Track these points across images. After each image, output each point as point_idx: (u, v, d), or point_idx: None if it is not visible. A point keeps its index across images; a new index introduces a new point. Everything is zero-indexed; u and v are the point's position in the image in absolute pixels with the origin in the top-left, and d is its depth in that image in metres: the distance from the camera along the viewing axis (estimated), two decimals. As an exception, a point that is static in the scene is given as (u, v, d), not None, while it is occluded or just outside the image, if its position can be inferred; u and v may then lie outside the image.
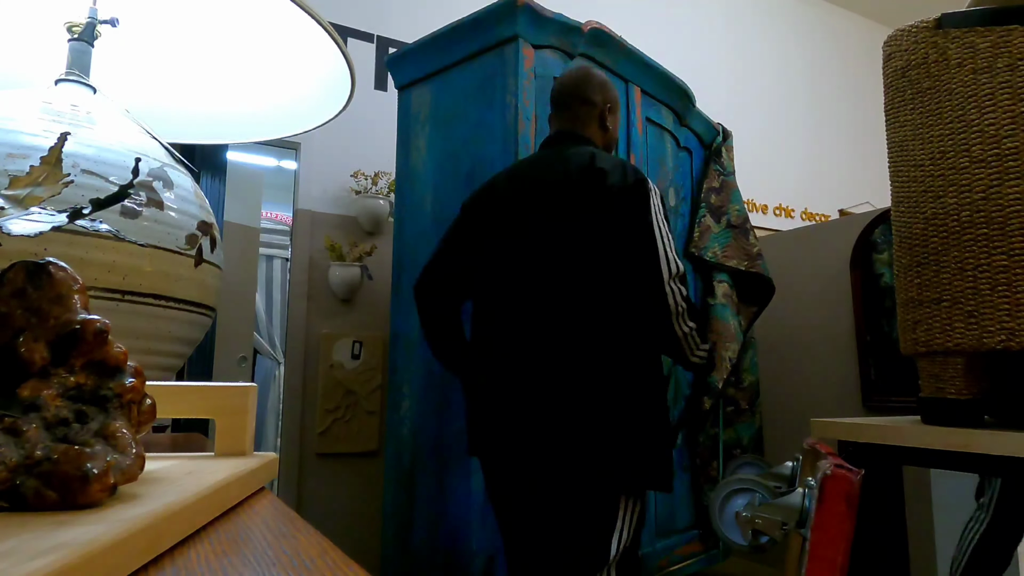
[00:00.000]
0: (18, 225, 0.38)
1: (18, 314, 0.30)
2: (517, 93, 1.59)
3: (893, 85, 0.94)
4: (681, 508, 2.05)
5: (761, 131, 3.86)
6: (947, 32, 0.86)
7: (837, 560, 0.76)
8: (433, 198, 1.78)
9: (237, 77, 1.03)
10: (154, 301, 0.76)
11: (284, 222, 3.66)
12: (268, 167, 3.29)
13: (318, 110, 1.06)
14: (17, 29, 0.92)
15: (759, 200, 3.74)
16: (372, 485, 2.29)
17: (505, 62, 1.63)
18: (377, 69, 2.58)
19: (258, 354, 3.40)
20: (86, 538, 0.22)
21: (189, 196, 0.84)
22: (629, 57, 1.96)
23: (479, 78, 1.70)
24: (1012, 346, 0.79)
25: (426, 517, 1.64)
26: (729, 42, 3.85)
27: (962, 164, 0.84)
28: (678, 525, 2.03)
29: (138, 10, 0.91)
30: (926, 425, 0.87)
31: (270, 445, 3.32)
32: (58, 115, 0.75)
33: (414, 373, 1.74)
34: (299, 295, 2.32)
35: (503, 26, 1.62)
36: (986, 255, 0.81)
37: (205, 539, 0.31)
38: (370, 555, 2.21)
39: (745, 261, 2.24)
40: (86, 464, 0.28)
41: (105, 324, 0.32)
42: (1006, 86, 0.81)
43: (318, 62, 0.96)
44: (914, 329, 0.89)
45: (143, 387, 0.34)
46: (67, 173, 0.65)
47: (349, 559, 0.28)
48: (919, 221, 0.89)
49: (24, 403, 0.29)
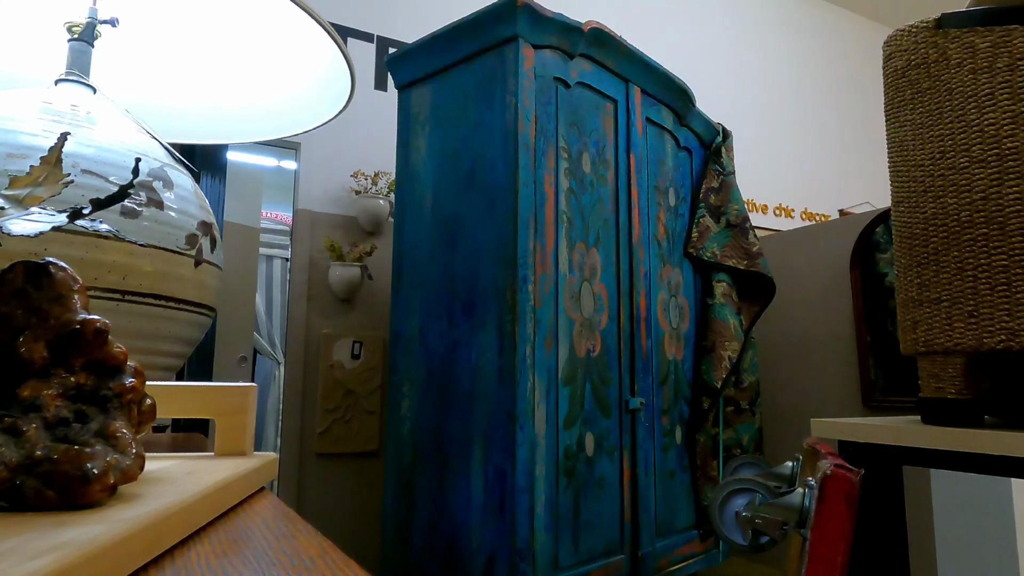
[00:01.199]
0: (18, 225, 0.38)
1: (18, 314, 0.30)
2: (517, 93, 1.59)
3: (893, 85, 0.94)
4: (681, 508, 2.05)
5: (761, 131, 3.86)
6: (947, 32, 0.86)
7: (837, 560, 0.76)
8: (433, 198, 1.78)
9: (237, 77, 1.03)
10: (154, 301, 0.76)
11: (284, 222, 3.66)
12: (268, 167, 3.29)
13: (318, 110, 1.06)
14: (17, 29, 0.92)
15: (759, 200, 3.74)
16: (372, 485, 2.29)
17: (505, 62, 1.63)
18: (377, 69, 2.58)
19: (258, 354, 3.40)
20: (86, 538, 0.22)
21: (189, 196, 0.84)
22: (629, 57, 1.97)
23: (479, 78, 1.70)
24: (1012, 346, 0.79)
25: (426, 517, 1.65)
26: (729, 42, 3.85)
27: (962, 164, 0.84)
28: (678, 525, 2.03)
29: (138, 10, 0.91)
30: (926, 425, 0.87)
31: (270, 445, 3.32)
32: (58, 115, 0.76)
33: (414, 373, 1.74)
34: (299, 295, 2.32)
35: (503, 26, 1.63)
36: (986, 255, 0.81)
37: (205, 539, 0.31)
38: (370, 555, 2.21)
39: (744, 260, 2.24)
40: (86, 464, 0.28)
41: (105, 324, 0.32)
42: (1006, 86, 0.81)
43: (318, 62, 0.96)
44: (914, 329, 0.89)
45: (143, 387, 0.34)
46: (67, 173, 0.65)
47: (349, 559, 0.28)
48: (919, 221, 0.89)
49: (24, 403, 0.29)
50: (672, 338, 2.11)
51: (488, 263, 1.61)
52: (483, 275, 1.61)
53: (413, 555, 1.66)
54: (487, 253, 1.61)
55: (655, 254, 2.09)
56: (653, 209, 2.10)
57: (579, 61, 1.82)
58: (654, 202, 2.11)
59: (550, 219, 1.65)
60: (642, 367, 1.94)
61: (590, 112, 1.88)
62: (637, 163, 2.04)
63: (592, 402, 1.76)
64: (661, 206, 2.15)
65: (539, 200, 1.62)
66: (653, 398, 1.99)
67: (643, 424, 1.92)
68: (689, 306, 2.24)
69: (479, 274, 1.62)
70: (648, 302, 2.01)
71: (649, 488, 1.90)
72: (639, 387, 1.92)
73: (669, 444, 2.04)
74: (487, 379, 1.57)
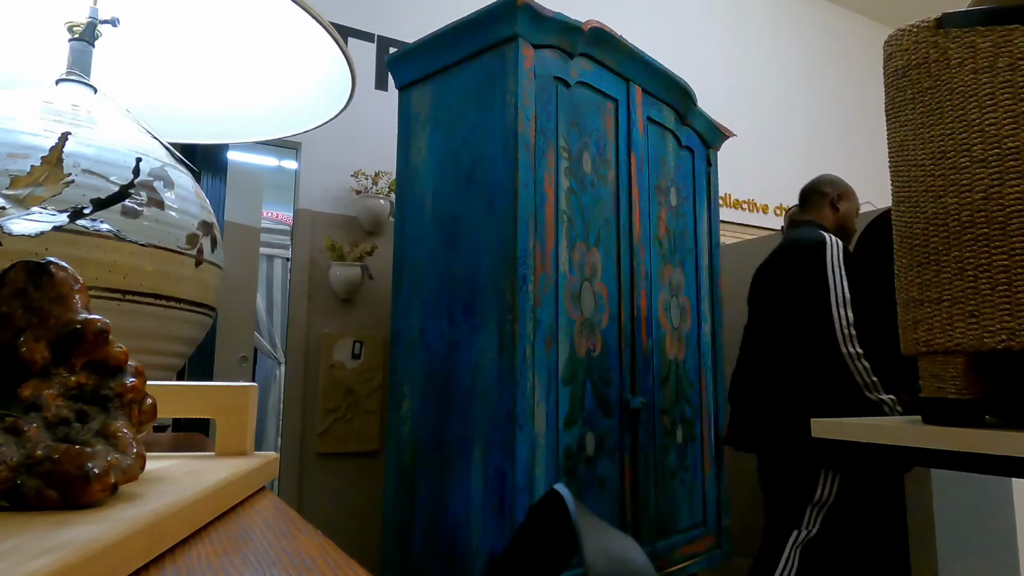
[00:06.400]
0: (19, 225, 0.38)
1: (19, 314, 0.30)
2: (517, 93, 1.59)
3: (894, 85, 0.94)
4: (682, 508, 2.05)
5: (761, 131, 3.86)
6: (948, 32, 0.86)
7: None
8: (433, 198, 1.78)
9: (238, 77, 1.03)
10: (155, 301, 0.76)
11: (285, 222, 3.66)
12: (268, 167, 3.29)
13: (319, 110, 1.06)
14: (17, 29, 0.93)
15: (759, 200, 3.74)
16: (372, 485, 2.29)
17: (505, 62, 1.63)
18: (377, 69, 2.58)
19: (259, 354, 3.40)
20: (87, 538, 0.22)
21: (190, 196, 0.84)
22: (630, 56, 1.97)
23: (479, 78, 1.70)
24: (1013, 346, 0.79)
25: (426, 517, 1.65)
26: (729, 42, 3.85)
27: (963, 164, 0.84)
28: (679, 525, 2.03)
29: (139, 10, 0.91)
30: (926, 425, 0.87)
31: (271, 445, 3.32)
32: (59, 115, 0.76)
33: (414, 373, 1.74)
34: (300, 295, 2.32)
35: (503, 26, 1.63)
36: (987, 255, 0.81)
37: (206, 539, 0.31)
38: (370, 554, 2.21)
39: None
40: (87, 464, 0.28)
41: (106, 324, 0.32)
42: (1007, 86, 0.81)
43: (319, 62, 0.96)
44: (915, 329, 0.89)
45: (144, 387, 0.34)
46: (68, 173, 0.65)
47: (350, 559, 0.28)
48: (920, 221, 0.89)
49: (25, 403, 0.29)
50: (673, 338, 2.11)
51: (488, 263, 1.61)
52: (483, 275, 1.61)
53: (413, 555, 1.66)
54: (487, 253, 1.61)
55: (656, 254, 2.09)
56: (655, 209, 2.10)
57: (579, 60, 1.82)
58: (655, 202, 2.11)
59: (550, 219, 1.65)
60: (643, 367, 1.94)
61: (591, 111, 1.88)
62: (638, 162, 2.03)
63: (593, 402, 1.76)
64: (663, 205, 2.15)
65: (539, 200, 1.62)
66: (654, 398, 1.98)
67: (644, 424, 1.93)
68: (691, 306, 2.23)
69: (479, 274, 1.62)
70: (649, 302, 2.01)
71: (649, 488, 1.90)
72: (640, 387, 1.92)
73: (670, 444, 2.03)
74: (487, 379, 1.57)
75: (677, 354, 2.13)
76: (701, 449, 2.20)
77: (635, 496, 1.85)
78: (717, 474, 2.24)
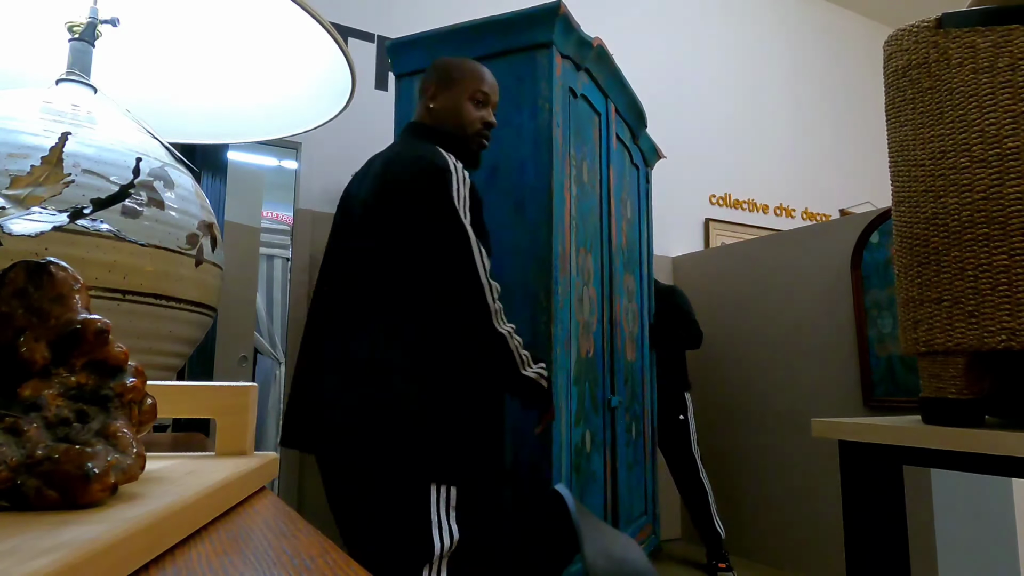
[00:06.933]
0: (19, 225, 0.38)
1: (19, 314, 0.30)
2: (551, 98, 1.60)
3: (894, 85, 0.94)
4: (637, 496, 2.20)
5: (762, 131, 3.86)
6: (948, 32, 0.86)
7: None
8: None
9: (238, 77, 1.03)
10: (155, 301, 0.76)
11: (285, 222, 3.66)
12: (269, 167, 3.29)
13: (319, 110, 1.06)
14: (17, 29, 0.92)
15: (759, 200, 3.74)
16: (372, 485, 2.29)
17: (537, 66, 1.63)
18: (378, 69, 2.58)
19: (259, 353, 3.40)
20: (87, 537, 0.22)
21: (190, 196, 0.84)
22: (613, 74, 2.05)
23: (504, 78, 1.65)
24: (1013, 346, 0.79)
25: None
26: (729, 42, 3.85)
27: (963, 164, 0.84)
28: (635, 513, 2.16)
29: (139, 10, 0.91)
30: (926, 425, 0.87)
31: (271, 445, 3.32)
32: (59, 115, 0.76)
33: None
34: (300, 295, 2.32)
35: (539, 31, 1.62)
36: (987, 255, 0.81)
37: (206, 538, 0.31)
38: (370, 555, 2.21)
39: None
40: (87, 464, 0.28)
41: (106, 324, 0.32)
42: (1007, 86, 0.81)
43: (319, 62, 0.96)
44: (915, 329, 0.89)
45: (144, 387, 0.34)
46: (68, 173, 0.65)
47: (350, 559, 0.28)
48: (920, 221, 0.89)
49: (25, 403, 0.29)
50: (629, 341, 2.22)
51: (516, 265, 1.58)
52: (508, 277, 1.57)
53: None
54: (514, 254, 1.58)
55: (621, 262, 2.18)
56: (618, 220, 2.19)
57: (582, 74, 1.85)
58: (619, 213, 2.20)
59: (568, 223, 1.67)
60: (617, 368, 2.03)
61: (587, 123, 1.92)
62: (616, 175, 2.13)
63: (589, 401, 1.78)
64: (624, 217, 2.26)
65: (562, 204, 1.63)
66: (625, 397, 2.10)
67: (619, 421, 2.02)
68: (638, 311, 2.37)
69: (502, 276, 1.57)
70: (620, 307, 2.12)
71: (623, 480, 2.01)
72: (617, 386, 2.00)
73: (630, 439, 2.15)
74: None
75: (631, 356, 2.23)
76: (644, 444, 2.34)
77: (615, 488, 1.93)
78: (653, 466, 2.41)
